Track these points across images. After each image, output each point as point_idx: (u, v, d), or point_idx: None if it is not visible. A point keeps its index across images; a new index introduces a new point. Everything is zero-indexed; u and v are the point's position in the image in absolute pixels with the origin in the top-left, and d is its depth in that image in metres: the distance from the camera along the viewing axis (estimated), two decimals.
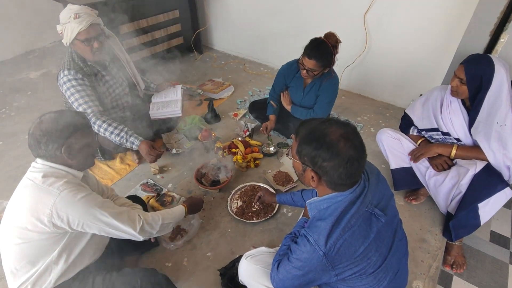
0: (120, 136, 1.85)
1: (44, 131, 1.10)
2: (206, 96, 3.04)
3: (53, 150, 1.11)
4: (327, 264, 0.97)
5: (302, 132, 1.03)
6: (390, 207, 1.10)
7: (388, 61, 2.77)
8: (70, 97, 1.82)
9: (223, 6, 3.61)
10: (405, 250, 1.21)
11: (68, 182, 1.11)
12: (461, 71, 1.56)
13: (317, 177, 1.01)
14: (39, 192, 1.08)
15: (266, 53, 3.60)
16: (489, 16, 1.82)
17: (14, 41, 3.75)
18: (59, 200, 1.06)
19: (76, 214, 1.09)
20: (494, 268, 1.71)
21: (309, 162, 1.01)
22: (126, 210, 1.24)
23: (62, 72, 1.82)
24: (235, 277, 1.50)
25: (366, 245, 0.98)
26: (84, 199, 1.10)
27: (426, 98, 1.83)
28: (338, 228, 0.96)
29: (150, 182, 2.11)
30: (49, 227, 1.07)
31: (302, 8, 3.00)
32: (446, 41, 2.40)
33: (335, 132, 0.96)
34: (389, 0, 2.50)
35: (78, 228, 1.12)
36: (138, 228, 1.22)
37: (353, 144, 0.95)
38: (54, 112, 1.16)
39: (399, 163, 1.92)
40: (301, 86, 2.24)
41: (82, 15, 1.74)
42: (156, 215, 1.34)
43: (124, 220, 1.19)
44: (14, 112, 2.85)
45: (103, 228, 1.16)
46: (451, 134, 1.71)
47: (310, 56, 1.94)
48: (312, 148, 0.98)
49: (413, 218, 1.90)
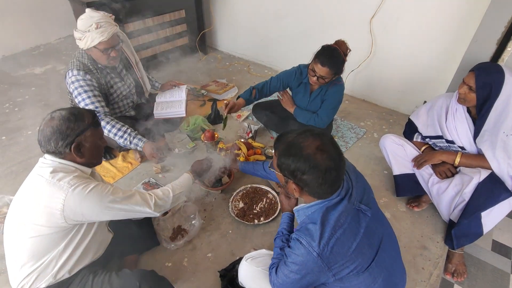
0: (123, 138, 1.86)
1: (55, 128, 1.12)
2: (210, 96, 3.05)
3: (63, 147, 1.13)
4: (323, 265, 0.99)
5: (280, 146, 1.07)
6: (371, 200, 1.14)
7: (393, 67, 2.77)
8: (77, 96, 1.83)
9: (228, 7, 3.62)
10: (396, 247, 1.22)
11: (77, 176, 1.13)
12: (471, 78, 1.55)
13: (299, 189, 1.05)
14: (49, 187, 1.09)
15: (270, 56, 3.61)
16: (496, 25, 1.83)
17: (19, 37, 3.77)
18: (70, 195, 1.08)
19: (90, 207, 1.12)
20: (495, 277, 1.70)
21: (289, 175, 1.05)
22: (137, 192, 1.28)
23: (71, 71, 1.83)
24: (235, 279, 1.49)
25: (358, 241, 1.00)
26: (94, 191, 1.12)
27: (431, 105, 1.83)
28: (329, 228, 0.99)
29: (152, 181, 2.11)
30: (64, 221, 1.10)
31: (308, 12, 3.01)
32: (452, 49, 2.40)
33: (311, 145, 1.00)
34: (396, 6, 2.50)
35: (93, 219, 1.17)
36: (152, 205, 1.29)
37: (329, 155, 0.98)
38: (64, 109, 1.17)
39: (402, 169, 1.92)
40: (307, 91, 2.24)
41: (103, 24, 1.76)
42: (165, 188, 1.41)
43: (138, 201, 1.25)
44: (18, 107, 2.86)
45: (117, 214, 1.20)
46: (456, 142, 1.71)
47: (324, 63, 1.93)
48: (290, 162, 1.01)
49: (414, 225, 1.89)
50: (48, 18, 3.92)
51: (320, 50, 1.98)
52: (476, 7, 2.14)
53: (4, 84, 3.19)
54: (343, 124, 2.74)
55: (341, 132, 2.63)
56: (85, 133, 1.17)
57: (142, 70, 2.23)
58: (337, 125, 2.71)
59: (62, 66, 3.55)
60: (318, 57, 1.96)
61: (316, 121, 2.23)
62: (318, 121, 2.22)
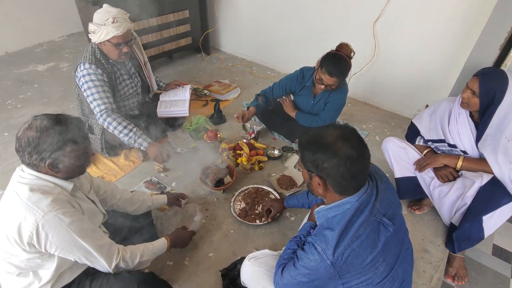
0: (128, 136, 1.86)
1: (30, 140, 1.01)
2: (213, 97, 3.05)
3: (37, 161, 1.03)
4: (334, 273, 0.97)
5: (303, 141, 1.08)
6: (398, 216, 1.10)
7: (395, 71, 2.78)
8: (87, 90, 1.84)
9: (232, 8, 3.63)
10: (411, 260, 1.20)
11: (55, 200, 1.02)
12: (475, 83, 1.56)
13: (323, 182, 1.03)
14: (24, 209, 1.00)
15: (273, 57, 3.62)
16: (500, 30, 1.84)
17: (23, 34, 3.78)
18: (42, 223, 0.99)
19: (57, 240, 1.02)
20: (496, 282, 1.70)
21: (312, 168, 1.03)
22: (108, 243, 1.17)
23: (83, 65, 1.84)
24: (237, 278, 1.50)
25: (374, 254, 0.97)
26: (69, 227, 1.02)
27: (434, 109, 1.84)
28: (346, 238, 0.96)
29: (154, 180, 2.11)
30: (27, 248, 1.02)
31: (312, 15, 3.02)
32: (455, 53, 2.41)
33: (331, 134, 1.00)
34: (399, 10, 2.51)
35: (54, 253, 1.06)
36: (114, 265, 1.16)
37: (350, 143, 0.98)
38: (47, 118, 1.05)
39: (404, 172, 1.92)
40: (310, 95, 2.24)
41: (119, 19, 1.79)
42: (135, 251, 1.25)
43: (103, 253, 1.13)
44: (21, 104, 2.86)
45: (79, 257, 1.09)
46: (458, 146, 1.71)
47: (332, 74, 1.93)
48: (312, 153, 1.02)
49: (415, 228, 1.90)
50: (52, 16, 3.93)
51: (327, 59, 1.95)
52: (479, 12, 2.15)
53: (7, 80, 3.20)
54: None
55: None
56: (64, 149, 1.05)
57: (150, 70, 2.25)
58: None
59: (65, 64, 3.56)
60: (326, 67, 1.94)
61: (318, 123, 2.24)
62: (320, 123, 2.23)
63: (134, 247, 1.27)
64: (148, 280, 1.21)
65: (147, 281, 1.20)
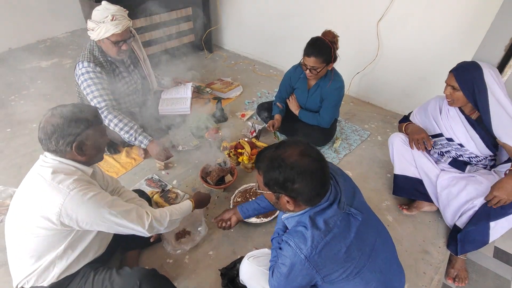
0: (129, 133, 1.86)
1: (56, 126, 1.08)
2: (215, 95, 3.05)
3: (64, 146, 1.10)
4: (310, 268, 0.99)
5: (263, 165, 1.04)
6: (362, 203, 1.13)
7: (399, 70, 2.76)
8: (86, 88, 1.84)
9: (235, 6, 3.62)
10: (392, 250, 1.21)
11: (78, 179, 1.10)
12: (451, 78, 1.63)
13: (293, 200, 1.03)
14: (48, 189, 1.07)
15: (276, 56, 3.61)
16: (505, 31, 1.81)
17: (26, 30, 3.78)
18: (68, 199, 1.05)
19: (86, 214, 1.09)
20: (496, 284, 1.69)
21: (280, 189, 1.02)
22: (135, 208, 1.23)
23: (81, 63, 1.84)
24: (236, 277, 1.50)
25: (347, 245, 1.00)
26: (93, 199, 1.09)
27: (424, 109, 1.90)
28: (318, 231, 0.98)
29: (155, 177, 2.11)
30: (57, 225, 1.07)
31: (314, 13, 3.00)
32: (459, 54, 2.37)
33: (292, 153, 0.99)
34: (403, 9, 2.49)
35: (87, 227, 1.12)
36: (147, 225, 1.22)
37: (312, 158, 0.99)
38: (66, 106, 1.13)
39: (404, 171, 1.91)
40: (305, 87, 2.26)
41: (119, 17, 1.79)
42: (164, 211, 1.34)
43: (133, 218, 1.19)
44: (23, 100, 2.87)
45: (112, 227, 1.16)
46: (454, 140, 1.75)
47: (309, 54, 1.98)
48: (277, 175, 0.99)
49: (416, 229, 1.89)
50: (55, 12, 3.93)
51: (307, 44, 2.03)
52: (484, 13, 2.13)
53: (10, 76, 3.21)
54: (347, 126, 2.73)
55: (345, 134, 2.62)
56: (87, 132, 1.13)
57: (149, 67, 2.24)
58: (341, 127, 2.71)
59: (68, 60, 3.56)
60: (304, 50, 2.02)
61: (319, 120, 2.24)
62: (321, 121, 2.23)
63: (160, 209, 1.35)
64: (150, 275, 1.23)
65: (149, 276, 1.22)
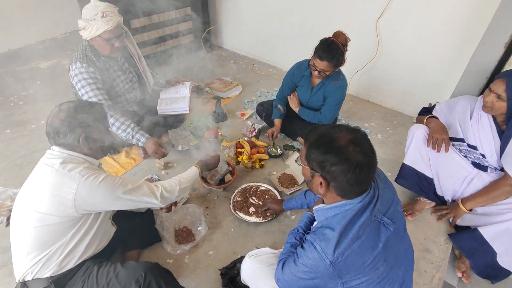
0: (126, 132, 1.86)
1: (64, 120, 1.14)
2: (214, 94, 3.04)
3: (71, 139, 1.15)
4: (333, 273, 0.95)
5: (311, 138, 1.02)
6: (397, 213, 1.08)
7: (398, 68, 2.75)
8: (81, 89, 1.83)
9: (234, 5, 3.61)
10: (411, 261, 1.19)
11: (87, 168, 1.16)
12: (500, 86, 1.46)
13: (326, 183, 0.99)
14: (60, 177, 1.11)
15: (275, 55, 3.60)
16: (504, 28, 1.81)
17: (25, 31, 3.78)
18: (81, 185, 1.11)
19: (101, 196, 1.15)
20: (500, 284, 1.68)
21: (317, 167, 0.99)
22: (144, 183, 1.31)
23: (74, 64, 1.83)
24: (236, 277, 1.50)
25: (375, 255, 0.96)
26: (104, 181, 1.15)
27: (451, 107, 1.78)
28: (347, 238, 0.94)
29: (155, 177, 2.11)
30: (74, 211, 1.12)
31: (314, 12, 3.00)
32: (458, 51, 2.38)
33: (344, 137, 0.96)
34: (403, 7, 2.48)
35: (106, 208, 1.22)
36: (159, 196, 1.32)
37: (362, 150, 0.94)
38: (72, 102, 1.20)
39: (414, 163, 1.82)
40: (309, 86, 2.24)
41: (109, 14, 1.78)
42: (172, 181, 1.43)
43: (145, 192, 1.28)
44: (23, 101, 2.87)
45: (126, 204, 1.24)
46: (478, 149, 1.65)
47: (322, 57, 1.94)
48: (320, 153, 0.97)
49: (417, 228, 1.88)
50: (54, 13, 3.93)
51: (319, 44, 1.98)
52: (484, 10, 2.12)
53: (9, 77, 3.21)
54: None
55: None
56: (94, 125, 1.19)
57: (144, 64, 2.22)
58: None
59: (67, 61, 3.56)
60: (317, 51, 1.97)
61: (319, 118, 2.23)
62: (322, 119, 2.22)
63: (169, 180, 1.44)
64: (154, 268, 1.24)
65: (153, 269, 1.23)
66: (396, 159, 2.30)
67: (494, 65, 1.93)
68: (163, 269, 1.29)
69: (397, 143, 2.53)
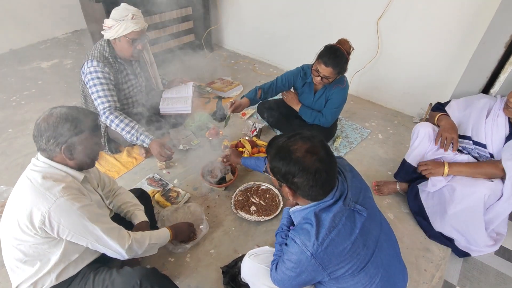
0: (130, 133, 1.87)
1: (50, 125, 1.07)
2: (215, 94, 3.05)
3: (53, 146, 1.09)
4: (316, 265, 1.00)
5: (272, 151, 1.08)
6: (368, 199, 1.14)
7: (399, 68, 2.76)
8: (92, 87, 1.86)
9: (235, 5, 3.62)
10: (395, 246, 1.22)
11: (67, 187, 1.08)
12: None
13: (292, 192, 1.06)
14: (36, 194, 1.05)
15: (276, 55, 3.61)
16: (505, 27, 1.81)
17: (27, 31, 3.80)
18: (54, 207, 1.03)
19: (68, 224, 1.07)
20: (498, 281, 1.69)
21: (281, 179, 1.06)
22: (118, 228, 1.22)
23: (90, 61, 1.86)
24: (237, 276, 1.50)
25: (352, 240, 1.00)
26: (80, 211, 1.07)
27: (468, 103, 1.79)
28: (323, 228, 0.99)
29: (156, 176, 2.12)
30: (39, 233, 1.05)
31: (315, 12, 3.00)
32: (459, 51, 2.38)
33: (300, 149, 1.01)
34: (403, 7, 2.49)
35: (68, 238, 1.10)
36: (127, 246, 1.21)
37: (318, 157, 0.99)
38: (66, 107, 1.13)
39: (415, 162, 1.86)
40: (312, 91, 2.24)
41: (138, 17, 1.86)
42: (145, 234, 1.33)
43: (115, 236, 1.17)
44: (24, 100, 2.88)
45: (91, 242, 1.14)
46: (487, 147, 1.66)
47: (327, 63, 1.93)
48: (281, 166, 1.03)
49: (417, 227, 1.89)
50: (56, 13, 3.94)
51: (323, 50, 1.97)
52: (484, 10, 2.13)
53: (11, 77, 3.22)
54: (347, 124, 2.73)
55: (345, 133, 2.62)
56: (80, 136, 1.11)
57: (156, 70, 2.29)
58: (342, 125, 2.71)
59: (68, 61, 3.57)
60: (321, 57, 1.96)
61: (321, 120, 2.23)
62: (323, 121, 2.23)
63: (141, 232, 1.34)
64: (150, 274, 1.23)
65: (149, 276, 1.21)
66: (397, 159, 2.30)
67: (494, 65, 1.93)
68: (159, 275, 1.28)
69: (398, 143, 2.54)
